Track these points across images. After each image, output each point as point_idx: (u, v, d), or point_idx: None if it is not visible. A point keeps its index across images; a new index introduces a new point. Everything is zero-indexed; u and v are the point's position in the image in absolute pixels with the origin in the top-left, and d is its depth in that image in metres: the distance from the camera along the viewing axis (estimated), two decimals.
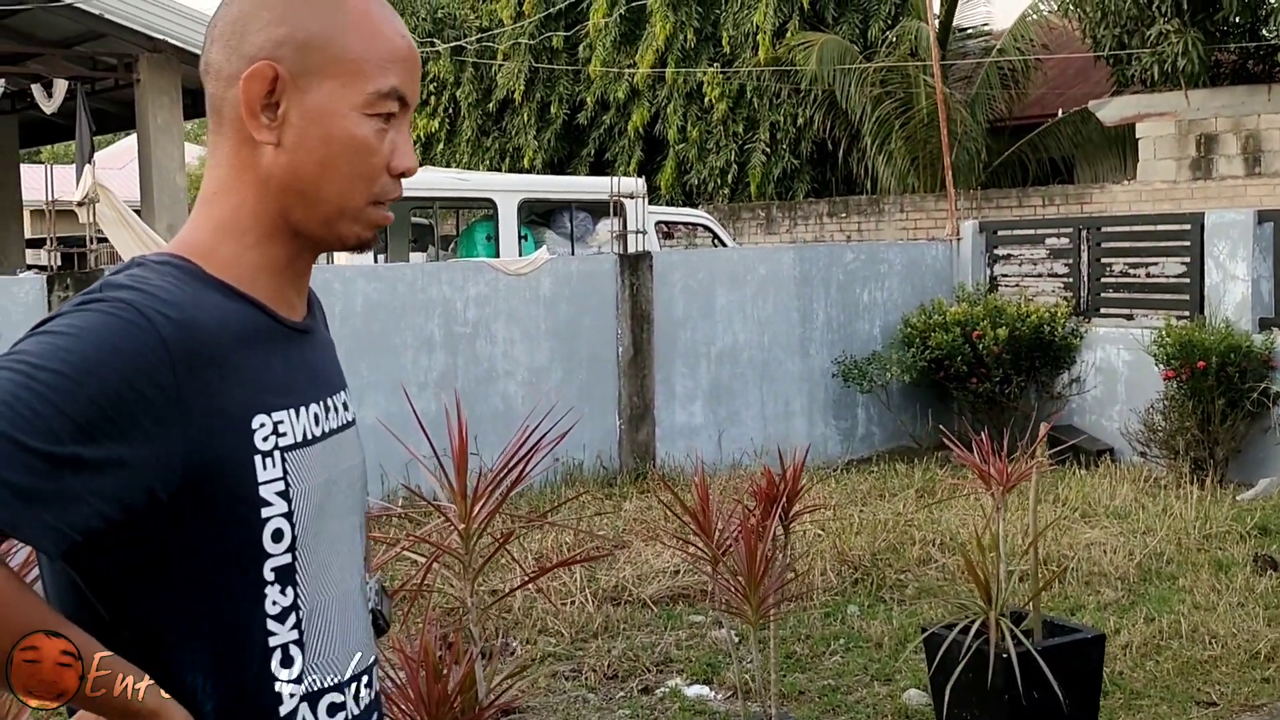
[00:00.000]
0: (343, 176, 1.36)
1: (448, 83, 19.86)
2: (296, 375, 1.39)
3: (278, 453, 1.32)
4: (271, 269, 1.39)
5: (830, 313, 9.93)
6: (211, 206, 1.39)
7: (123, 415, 1.20)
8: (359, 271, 8.08)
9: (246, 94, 1.34)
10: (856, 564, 6.51)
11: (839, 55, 15.67)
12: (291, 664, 1.34)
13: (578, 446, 8.68)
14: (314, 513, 1.36)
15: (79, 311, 1.24)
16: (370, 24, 1.37)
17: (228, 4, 1.39)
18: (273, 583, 1.32)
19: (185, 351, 1.24)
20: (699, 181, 17.68)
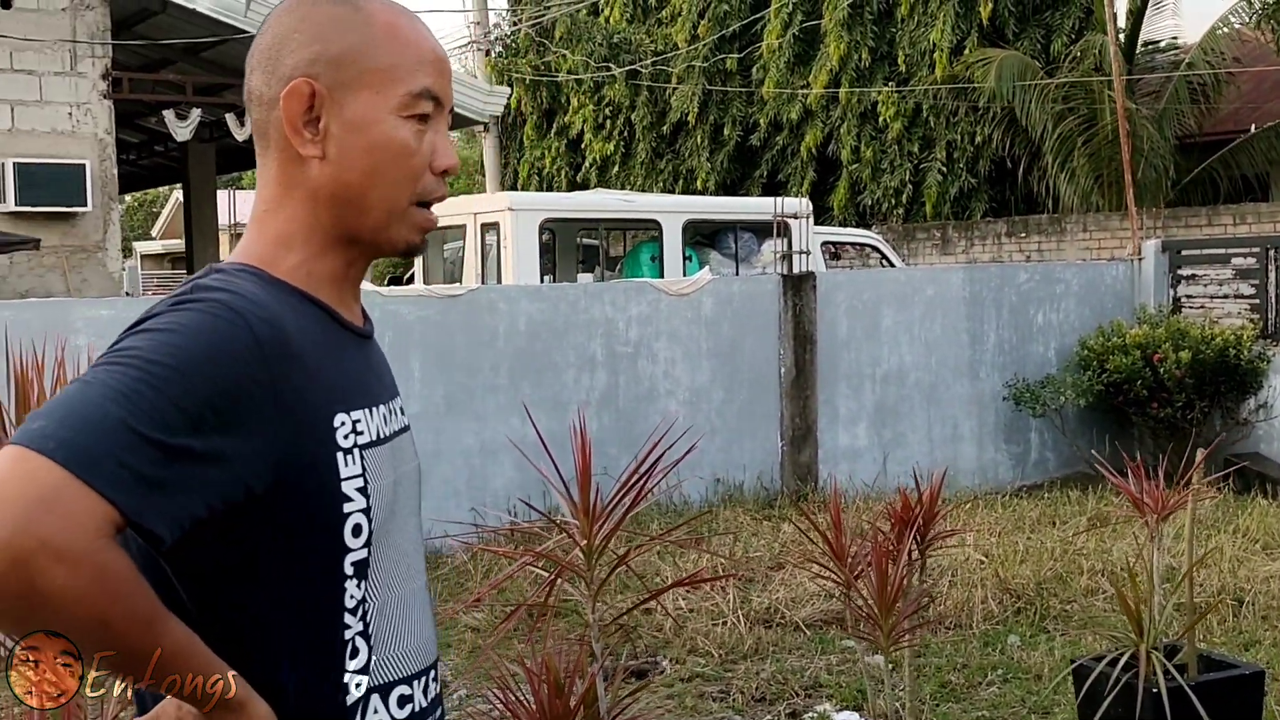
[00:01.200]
0: (387, 180, 1.41)
1: (623, 106, 20.09)
2: (367, 376, 1.44)
3: (357, 450, 1.36)
4: (332, 277, 1.43)
5: (1002, 334, 9.67)
6: (264, 224, 1.44)
7: (227, 409, 1.24)
8: (523, 291, 8.22)
9: (287, 111, 1.39)
10: (1019, 593, 6.30)
11: (1019, 71, 15.29)
12: (358, 655, 1.38)
13: (738, 467, 8.65)
14: (387, 510, 1.40)
15: (179, 310, 1.28)
16: (397, 33, 1.43)
17: (262, 33, 1.45)
18: (351, 576, 1.36)
19: (277, 349, 1.29)
20: (872, 202, 17.46)
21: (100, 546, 1.15)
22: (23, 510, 1.12)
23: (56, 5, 10.35)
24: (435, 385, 7.57)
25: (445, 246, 11.59)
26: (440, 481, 7.57)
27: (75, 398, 1.20)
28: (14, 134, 10.21)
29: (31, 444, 1.15)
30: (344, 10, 1.42)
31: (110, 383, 1.20)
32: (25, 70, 10.25)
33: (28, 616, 1.16)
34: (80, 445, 1.16)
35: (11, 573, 1.11)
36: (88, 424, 1.17)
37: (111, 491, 1.15)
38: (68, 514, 1.13)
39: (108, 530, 1.16)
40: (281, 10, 1.45)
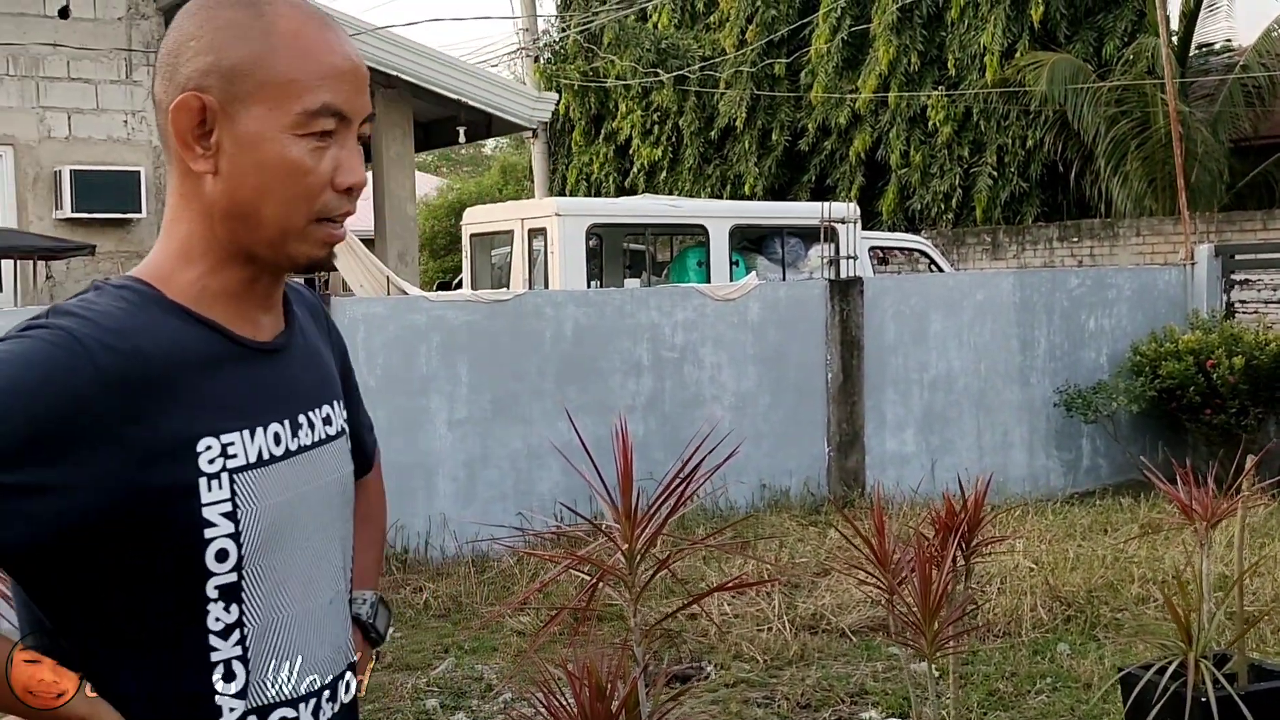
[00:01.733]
0: (278, 199, 1.36)
1: (671, 112, 20.10)
2: (255, 396, 1.39)
3: (225, 474, 1.33)
4: (229, 293, 1.40)
5: (1053, 340, 9.58)
6: (168, 234, 1.41)
7: (49, 442, 1.23)
8: (569, 296, 8.24)
9: (176, 125, 1.35)
10: (1069, 600, 6.23)
11: (1071, 74, 15.16)
12: (234, 679, 1.36)
13: (785, 473, 8.62)
14: (268, 532, 1.37)
15: (19, 338, 1.27)
16: (301, 44, 1.36)
17: (166, 37, 1.40)
18: (215, 600, 1.34)
19: (121, 379, 1.27)
20: (922, 206, 17.36)
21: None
22: None
23: (112, 15, 10.51)
24: (482, 390, 7.60)
25: (493, 252, 11.66)
26: (486, 485, 7.61)
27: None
28: (71, 142, 10.38)
29: None
30: (244, 16, 1.36)
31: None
32: (82, 79, 10.41)
33: None
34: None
35: None
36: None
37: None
38: None
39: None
40: (183, 13, 1.39)
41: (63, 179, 10.15)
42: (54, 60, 10.27)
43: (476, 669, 5.59)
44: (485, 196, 25.76)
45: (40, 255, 9.53)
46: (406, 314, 7.46)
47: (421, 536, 7.30)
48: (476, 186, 29.25)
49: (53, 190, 10.27)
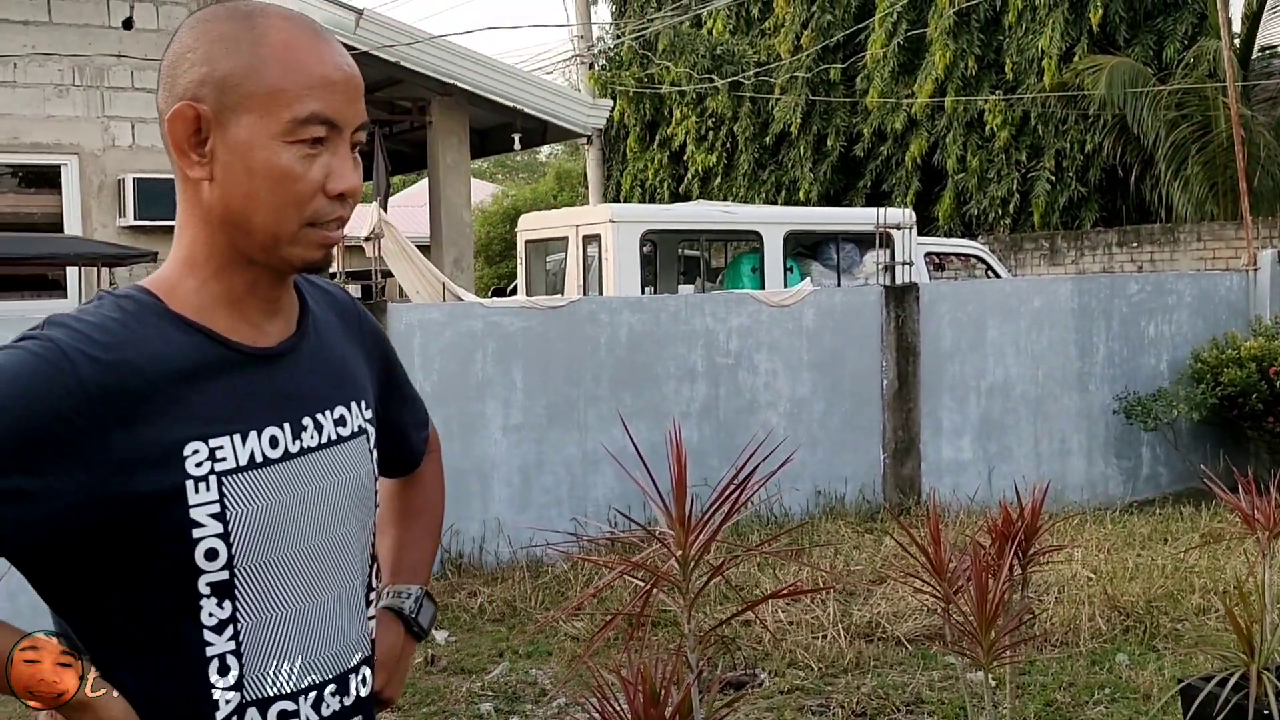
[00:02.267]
0: (268, 205, 1.40)
1: (725, 118, 20.09)
2: (250, 400, 1.43)
3: (213, 477, 1.37)
4: (230, 299, 1.45)
5: (1111, 346, 9.47)
6: (176, 243, 1.47)
7: (31, 451, 1.28)
8: (624, 302, 8.26)
9: (172, 134, 1.41)
10: (1128, 610, 6.16)
11: (1131, 78, 15.00)
12: (228, 672, 1.41)
13: (840, 480, 8.58)
14: (262, 531, 1.41)
15: (10, 348, 1.32)
16: (289, 54, 1.40)
17: (167, 50, 1.45)
18: (208, 596, 1.39)
19: (104, 389, 1.32)
20: (979, 212, 17.23)
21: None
22: None
23: (175, 25, 10.66)
24: (537, 396, 7.64)
25: (548, 258, 11.71)
26: (541, 491, 7.64)
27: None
28: (134, 150, 10.55)
29: None
30: (237, 29, 1.41)
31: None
32: (146, 89, 10.58)
33: None
34: None
35: None
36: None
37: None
38: None
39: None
40: (183, 26, 1.45)
41: (126, 187, 10.32)
42: (118, 70, 10.45)
43: (531, 674, 5.62)
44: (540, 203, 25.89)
45: (104, 262, 9.69)
46: (462, 320, 7.51)
47: (476, 541, 7.34)
48: (532, 193, 29.39)
49: (116, 198, 10.45)
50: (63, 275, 10.43)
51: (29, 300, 10.49)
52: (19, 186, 10.72)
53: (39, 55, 10.16)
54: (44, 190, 10.59)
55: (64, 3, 10.28)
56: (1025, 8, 16.32)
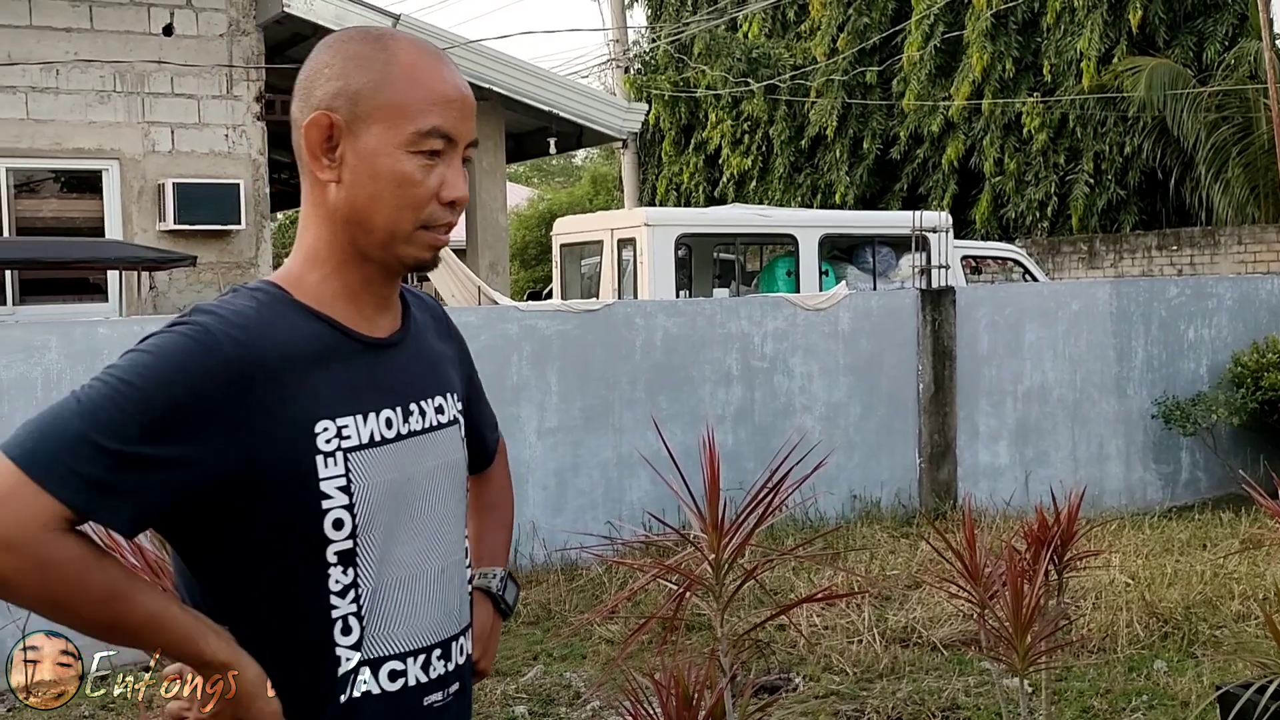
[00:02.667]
0: (389, 207, 1.55)
1: (761, 121, 20.08)
2: (369, 384, 1.58)
3: (340, 453, 1.52)
4: (348, 292, 1.59)
5: (1150, 350, 9.39)
6: (302, 239, 1.62)
7: (187, 421, 1.42)
8: (659, 306, 8.26)
9: (308, 139, 1.57)
10: (1167, 616, 6.11)
11: (1171, 80, 14.88)
12: (350, 633, 1.54)
13: (876, 484, 8.56)
14: (380, 504, 1.55)
15: (165, 333, 1.48)
16: (415, 73, 1.56)
17: (304, 66, 1.61)
18: (335, 564, 1.53)
19: (248, 368, 1.46)
20: (1016, 215, 17.13)
21: (45, 539, 1.35)
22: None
23: (214, 32, 10.78)
24: (573, 399, 7.66)
25: (583, 262, 11.73)
26: (576, 494, 7.66)
27: (52, 411, 1.42)
28: (174, 155, 10.66)
29: (4, 449, 1.38)
30: (371, 50, 1.57)
31: (83, 398, 1.41)
32: (185, 94, 10.70)
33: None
34: (40, 452, 1.37)
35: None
36: (51, 434, 1.38)
37: (61, 491, 1.36)
38: (16, 510, 1.34)
39: (56, 524, 1.36)
40: (321, 45, 1.60)
41: (166, 192, 10.43)
42: (159, 77, 10.56)
43: (565, 676, 5.63)
44: (576, 207, 25.94)
45: (144, 266, 9.80)
46: (498, 323, 7.54)
47: (512, 544, 7.36)
48: (567, 197, 29.46)
49: (157, 202, 10.56)
50: (104, 279, 10.55)
51: (71, 304, 10.62)
52: (62, 191, 10.85)
53: (81, 62, 10.28)
54: (86, 195, 10.72)
55: (106, 10, 10.40)
56: (1064, 9, 16.22)
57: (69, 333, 6.28)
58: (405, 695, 1.59)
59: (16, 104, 10.13)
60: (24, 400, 6.06)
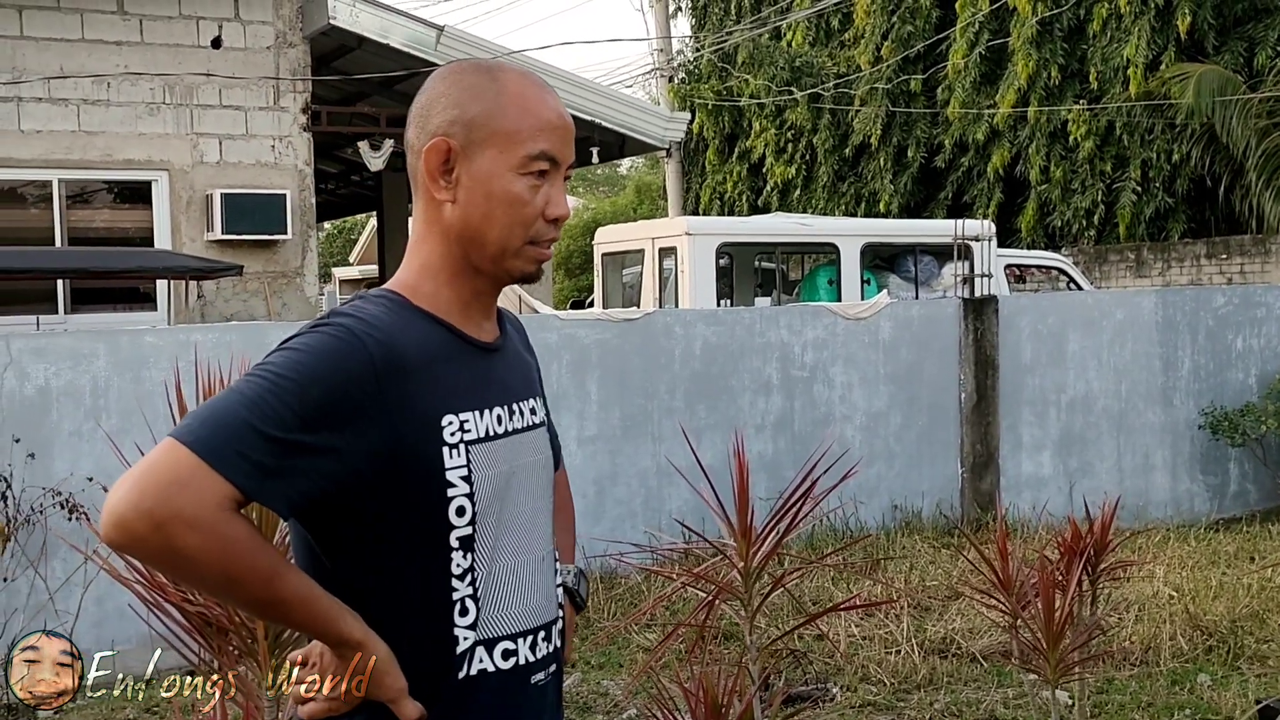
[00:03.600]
0: (501, 224, 1.70)
1: (805, 130, 20.03)
2: (482, 384, 1.72)
3: (463, 445, 1.66)
4: (461, 301, 1.74)
5: (1197, 360, 9.29)
6: (414, 254, 1.77)
7: (338, 412, 1.56)
8: (699, 315, 8.27)
9: (427, 163, 1.71)
10: (1211, 630, 6.03)
11: (1220, 86, 14.69)
12: (467, 614, 1.67)
13: (917, 494, 8.51)
14: (493, 494, 1.69)
15: (310, 333, 1.62)
16: (524, 102, 1.71)
17: (420, 94, 1.76)
18: (456, 549, 1.66)
19: (387, 365, 1.60)
20: (1062, 223, 16.98)
21: (222, 518, 1.48)
22: (164, 487, 1.47)
23: (261, 44, 10.91)
24: (612, 407, 7.68)
25: (624, 271, 11.76)
26: (615, 503, 7.68)
27: (218, 402, 1.55)
28: (222, 166, 10.79)
29: (178, 436, 1.51)
30: (483, 80, 1.72)
31: (245, 391, 1.55)
32: (233, 106, 10.83)
33: (171, 568, 1.53)
34: (212, 439, 1.50)
35: (154, 535, 1.47)
36: (220, 423, 1.51)
37: (233, 475, 1.49)
38: (198, 491, 1.47)
39: (229, 505, 1.49)
40: (436, 76, 1.76)
41: (214, 202, 10.56)
42: (207, 89, 10.70)
43: (602, 684, 5.65)
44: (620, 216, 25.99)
45: (191, 275, 9.92)
46: (538, 332, 7.57)
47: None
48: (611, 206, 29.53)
49: (204, 213, 10.70)
50: (153, 288, 10.70)
51: (122, 312, 10.78)
52: (114, 202, 11.01)
53: (131, 75, 10.44)
54: (137, 205, 10.87)
55: (155, 24, 10.56)
56: (1110, 16, 16.08)
57: (116, 341, 6.37)
58: (516, 673, 1.72)
59: (69, 116, 10.30)
60: (72, 407, 6.16)
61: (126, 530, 1.47)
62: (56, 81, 10.21)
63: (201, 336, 6.55)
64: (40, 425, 6.09)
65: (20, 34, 10.14)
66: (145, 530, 1.46)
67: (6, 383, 6.05)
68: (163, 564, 1.53)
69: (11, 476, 5.90)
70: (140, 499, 1.47)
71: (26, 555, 5.87)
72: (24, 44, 10.14)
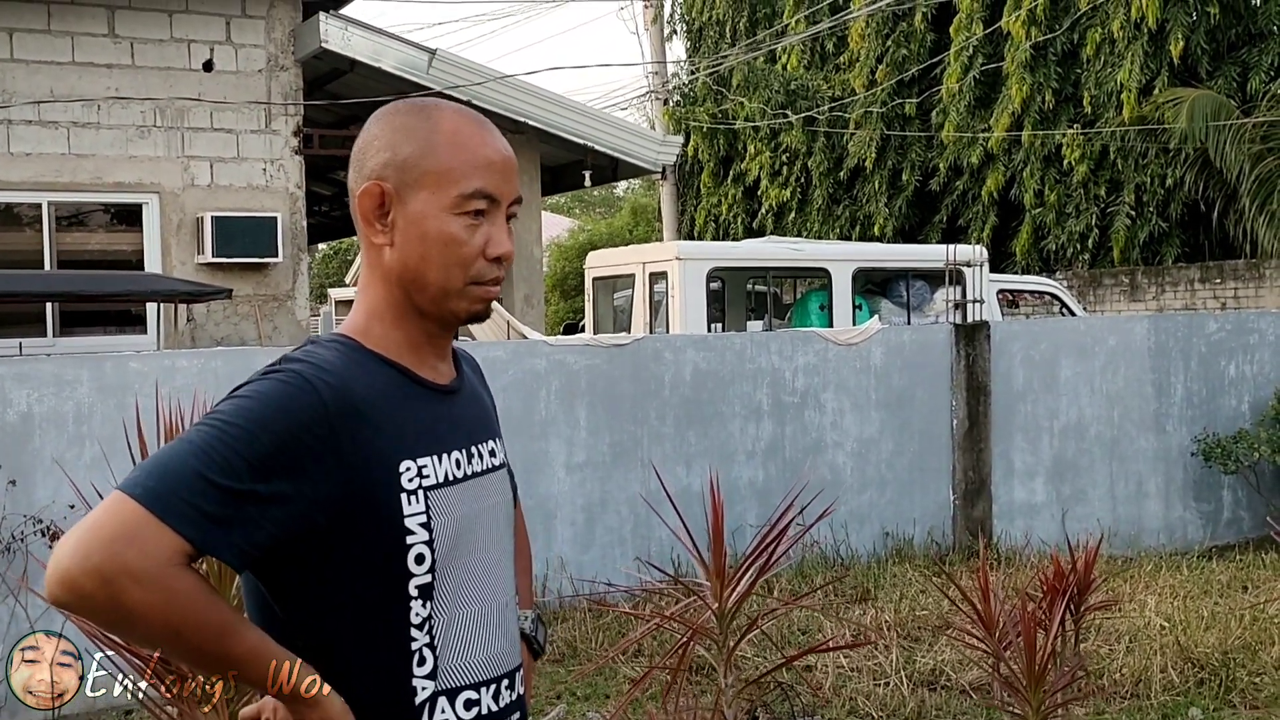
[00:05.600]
0: (438, 265, 1.66)
1: (799, 153, 20.04)
2: (440, 427, 1.68)
3: (421, 491, 1.61)
4: (411, 343, 1.69)
5: (1190, 386, 9.25)
6: (362, 297, 1.73)
7: (289, 459, 1.52)
8: (689, 340, 8.22)
9: (361, 208, 1.69)
10: (1203, 662, 5.97)
11: (1214, 111, 14.71)
12: (425, 663, 1.63)
13: (908, 521, 8.46)
14: (453, 541, 1.64)
15: (262, 379, 1.58)
16: (457, 139, 1.67)
17: (358, 139, 1.72)
18: (415, 597, 1.61)
19: (340, 409, 1.56)
20: (1056, 247, 16.98)
21: (170, 572, 1.44)
22: (110, 541, 1.43)
23: (253, 67, 10.90)
24: (602, 434, 7.63)
25: (615, 295, 11.72)
26: (605, 530, 7.62)
27: (166, 452, 1.51)
28: (213, 189, 10.76)
29: (125, 489, 1.47)
30: (415, 120, 1.68)
31: (195, 440, 1.51)
32: (224, 129, 10.81)
33: (118, 625, 1.48)
34: (160, 491, 1.46)
35: (101, 590, 1.42)
36: (169, 474, 1.47)
37: (182, 526, 1.45)
38: (144, 545, 1.43)
39: (178, 559, 1.45)
40: (372, 118, 1.73)
41: (205, 225, 10.53)
42: (198, 112, 10.68)
43: (588, 716, 5.58)
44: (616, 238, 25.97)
45: (181, 298, 9.88)
46: (526, 358, 7.53)
47: (539, 580, 7.32)
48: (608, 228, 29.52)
49: (195, 236, 10.66)
50: (143, 311, 10.65)
51: (112, 335, 10.73)
52: (105, 224, 10.98)
53: (122, 98, 10.42)
54: (128, 228, 10.84)
55: (146, 47, 10.54)
56: (1104, 41, 16.10)
57: (100, 367, 6.32)
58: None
59: (59, 139, 10.27)
60: (55, 433, 6.11)
61: (73, 588, 1.43)
62: (47, 104, 10.19)
63: (186, 362, 6.50)
64: (22, 452, 6.03)
65: (10, 56, 10.12)
66: (92, 587, 1.41)
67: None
68: (110, 621, 1.48)
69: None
70: (87, 555, 1.42)
71: (6, 584, 5.81)
72: (14, 66, 10.12)
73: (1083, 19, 16.34)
